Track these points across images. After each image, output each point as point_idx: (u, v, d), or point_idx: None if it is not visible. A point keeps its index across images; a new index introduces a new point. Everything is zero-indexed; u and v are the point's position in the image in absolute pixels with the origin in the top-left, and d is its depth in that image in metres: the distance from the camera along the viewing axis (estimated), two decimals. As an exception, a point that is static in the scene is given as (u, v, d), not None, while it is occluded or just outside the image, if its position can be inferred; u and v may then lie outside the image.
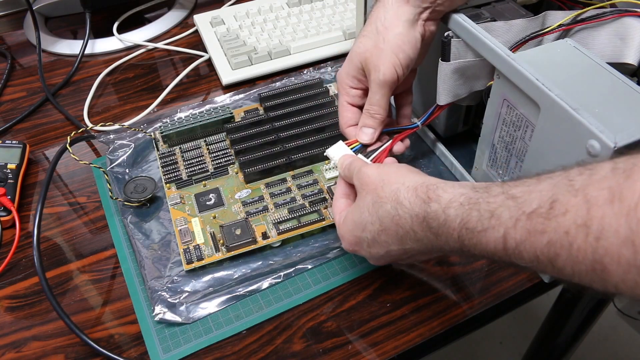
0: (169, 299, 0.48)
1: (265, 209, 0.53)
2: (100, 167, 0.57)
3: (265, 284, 0.49)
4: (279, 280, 0.49)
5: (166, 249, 0.52)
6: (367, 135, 0.49)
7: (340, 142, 0.49)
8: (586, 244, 0.26)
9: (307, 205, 0.53)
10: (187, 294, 0.48)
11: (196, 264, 0.49)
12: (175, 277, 0.49)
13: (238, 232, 0.51)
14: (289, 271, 0.50)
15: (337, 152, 0.49)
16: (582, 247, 0.27)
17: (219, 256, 0.50)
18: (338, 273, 0.50)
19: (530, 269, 0.31)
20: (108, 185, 0.56)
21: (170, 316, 0.47)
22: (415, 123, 0.53)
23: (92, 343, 0.45)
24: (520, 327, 1.33)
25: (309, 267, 0.50)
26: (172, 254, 0.51)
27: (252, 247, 0.50)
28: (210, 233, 0.52)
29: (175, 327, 0.47)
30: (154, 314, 0.47)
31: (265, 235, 0.51)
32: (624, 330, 1.27)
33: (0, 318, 0.49)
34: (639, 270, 0.25)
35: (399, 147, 0.51)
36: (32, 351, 0.46)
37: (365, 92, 0.49)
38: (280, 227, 0.51)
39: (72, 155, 0.55)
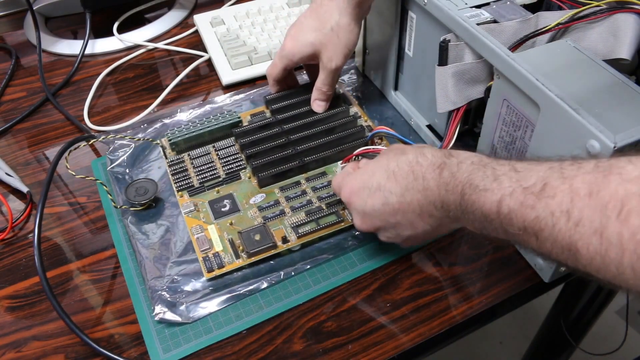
0: (169, 299, 0.48)
1: (282, 212, 0.53)
2: (104, 185, 0.56)
3: (265, 283, 0.49)
4: (279, 280, 0.49)
5: (166, 248, 0.52)
6: (320, 107, 0.60)
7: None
8: (566, 227, 0.31)
9: (324, 208, 0.53)
10: (187, 293, 0.48)
11: (217, 272, 0.49)
12: (176, 277, 0.49)
13: (257, 237, 0.50)
14: (289, 271, 0.50)
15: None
16: (562, 229, 0.31)
17: (239, 263, 0.49)
18: (338, 273, 0.50)
19: (515, 239, 0.35)
20: (109, 195, 0.55)
21: (170, 316, 0.47)
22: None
23: (92, 343, 0.45)
24: (520, 327, 1.33)
25: (309, 267, 0.50)
26: (172, 253, 0.51)
27: (273, 252, 0.50)
28: (229, 240, 0.51)
29: (176, 327, 0.47)
30: (154, 314, 0.47)
31: (285, 240, 0.50)
32: (624, 330, 1.27)
33: (0, 318, 0.49)
34: (602, 258, 0.29)
35: None
36: (32, 351, 0.46)
37: (289, 69, 0.61)
38: (299, 231, 0.51)
39: (70, 171, 0.55)
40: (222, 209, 0.54)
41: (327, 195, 0.54)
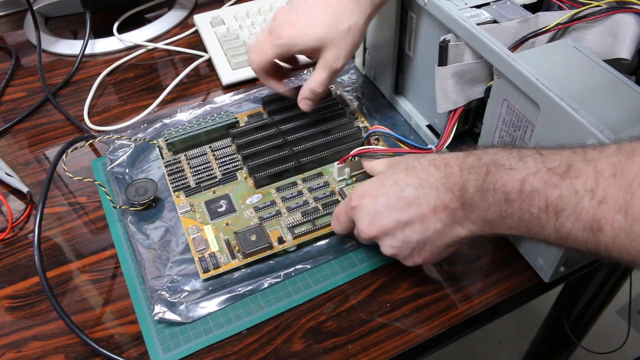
0: (168, 298, 0.48)
1: (279, 213, 0.53)
2: (103, 187, 0.56)
3: (265, 283, 0.49)
4: (279, 280, 0.49)
5: (166, 248, 0.52)
6: (308, 105, 0.57)
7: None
8: (590, 205, 0.31)
9: (321, 208, 0.53)
10: (186, 293, 0.48)
11: (213, 272, 0.49)
12: (175, 277, 0.49)
13: (253, 237, 0.50)
14: (289, 271, 0.50)
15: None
16: (585, 207, 0.31)
17: (235, 263, 0.49)
18: (338, 273, 0.50)
19: (532, 222, 0.35)
20: (108, 196, 0.55)
21: (169, 315, 0.47)
22: (429, 146, 0.54)
23: (92, 343, 0.45)
24: (520, 327, 1.33)
25: (309, 267, 0.50)
26: (172, 253, 0.51)
27: (269, 252, 0.50)
28: (225, 240, 0.51)
29: (175, 327, 0.47)
30: (153, 313, 0.47)
31: (281, 240, 0.50)
32: (624, 330, 1.27)
33: (0, 318, 0.49)
34: (627, 234, 0.30)
35: None
36: (32, 351, 0.46)
37: (290, 59, 0.57)
38: (295, 231, 0.51)
39: (67, 173, 0.55)
40: (219, 210, 0.54)
41: (323, 196, 0.54)
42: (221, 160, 0.59)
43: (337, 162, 0.55)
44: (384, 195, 0.43)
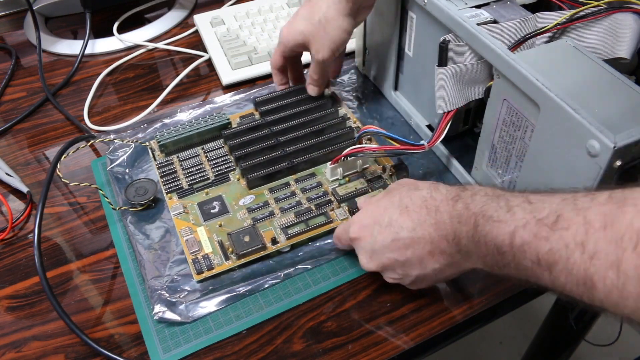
0: (168, 298, 0.48)
1: (272, 214, 0.53)
2: (100, 190, 0.56)
3: (265, 284, 0.49)
4: (279, 280, 0.49)
5: (166, 248, 0.52)
6: (314, 91, 0.62)
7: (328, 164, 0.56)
8: (581, 259, 0.30)
9: (314, 209, 0.53)
10: (186, 293, 0.48)
11: (207, 274, 0.49)
12: (175, 277, 0.49)
13: (247, 238, 0.50)
14: (289, 271, 0.50)
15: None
16: (577, 262, 0.30)
17: (229, 264, 0.49)
18: (338, 273, 0.50)
19: (527, 273, 0.34)
20: (107, 199, 0.55)
21: (169, 315, 0.47)
22: (422, 142, 0.53)
23: (92, 343, 0.45)
24: (520, 327, 1.33)
25: (309, 267, 0.50)
26: (172, 253, 0.51)
27: (262, 253, 0.50)
28: (218, 241, 0.51)
29: (176, 326, 0.47)
30: (153, 313, 0.47)
31: (274, 241, 0.50)
32: (624, 331, 1.27)
33: (0, 318, 0.49)
34: (620, 292, 0.28)
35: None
36: (32, 351, 0.46)
37: (286, 57, 0.61)
38: (289, 232, 0.51)
39: (63, 180, 0.56)
40: (212, 211, 0.53)
41: (316, 196, 0.54)
42: (214, 162, 0.58)
43: (330, 162, 0.55)
44: (380, 235, 0.43)
